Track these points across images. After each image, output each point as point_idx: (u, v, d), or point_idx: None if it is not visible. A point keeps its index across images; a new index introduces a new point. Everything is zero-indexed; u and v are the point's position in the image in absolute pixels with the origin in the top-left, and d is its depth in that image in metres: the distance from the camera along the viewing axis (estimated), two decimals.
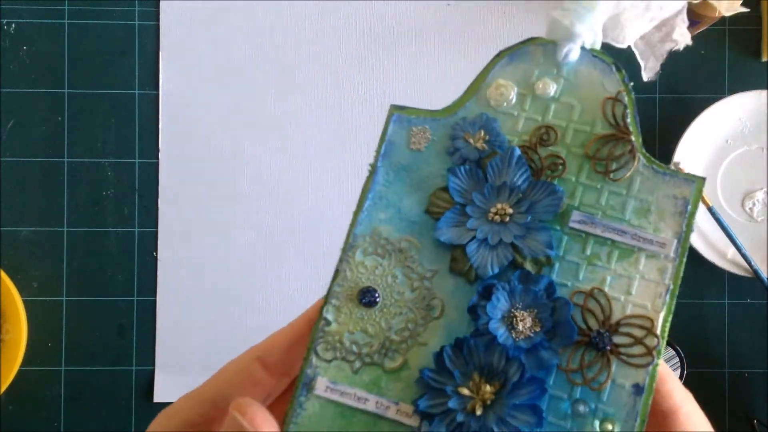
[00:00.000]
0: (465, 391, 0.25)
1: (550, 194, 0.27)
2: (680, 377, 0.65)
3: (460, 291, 0.27)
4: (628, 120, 0.28)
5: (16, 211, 0.71)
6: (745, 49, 0.73)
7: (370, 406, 0.26)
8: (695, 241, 0.69)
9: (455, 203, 0.28)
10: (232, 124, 0.72)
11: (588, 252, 0.27)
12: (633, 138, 0.28)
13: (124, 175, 0.71)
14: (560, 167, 0.28)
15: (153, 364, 0.71)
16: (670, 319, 0.26)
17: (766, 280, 0.69)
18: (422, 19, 0.72)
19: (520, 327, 0.26)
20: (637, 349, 0.26)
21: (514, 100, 0.29)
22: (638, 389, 0.25)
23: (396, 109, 0.30)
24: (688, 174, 0.28)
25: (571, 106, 0.29)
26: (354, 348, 0.26)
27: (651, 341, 0.26)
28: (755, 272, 0.69)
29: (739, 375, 0.72)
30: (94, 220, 0.71)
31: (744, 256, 0.69)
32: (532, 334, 0.26)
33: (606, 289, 0.26)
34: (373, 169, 0.29)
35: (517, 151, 0.28)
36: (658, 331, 0.26)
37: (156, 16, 0.71)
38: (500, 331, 0.25)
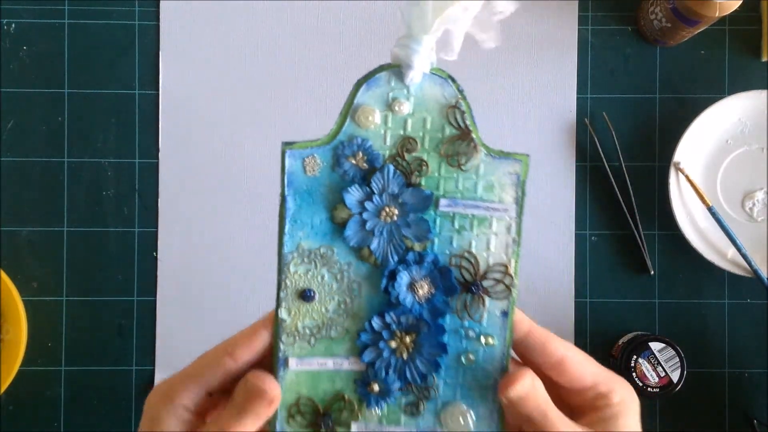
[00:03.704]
0: (393, 344, 0.37)
1: (422, 197, 0.37)
2: (680, 377, 0.65)
3: (372, 272, 0.38)
4: (468, 122, 0.37)
5: (16, 211, 0.71)
6: (745, 49, 0.73)
7: (330, 366, 0.38)
8: (695, 241, 0.69)
9: (353, 213, 0.37)
10: (232, 123, 0.72)
11: (456, 225, 0.37)
12: (474, 135, 0.37)
13: (124, 175, 0.71)
14: (424, 168, 0.37)
15: (153, 364, 0.71)
16: (519, 260, 0.37)
17: (766, 280, 0.69)
18: None
19: (421, 293, 0.37)
20: (500, 287, 0.37)
21: (379, 121, 0.37)
22: (504, 314, 0.37)
23: (286, 146, 0.39)
24: (516, 154, 0.37)
25: (424, 118, 0.37)
26: (307, 331, 0.38)
27: (508, 280, 0.37)
28: (755, 272, 0.69)
29: (739, 375, 0.72)
30: (94, 220, 0.71)
31: (744, 256, 0.69)
32: (430, 296, 0.37)
33: (473, 250, 0.37)
34: (283, 199, 0.37)
35: (391, 168, 0.37)
36: (512, 272, 0.37)
37: (156, 16, 0.71)
38: (407, 299, 0.37)
